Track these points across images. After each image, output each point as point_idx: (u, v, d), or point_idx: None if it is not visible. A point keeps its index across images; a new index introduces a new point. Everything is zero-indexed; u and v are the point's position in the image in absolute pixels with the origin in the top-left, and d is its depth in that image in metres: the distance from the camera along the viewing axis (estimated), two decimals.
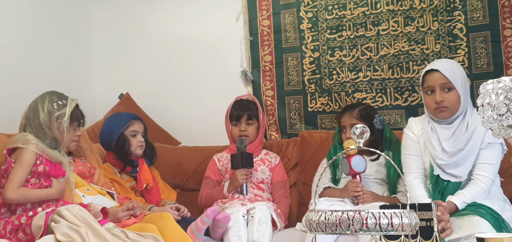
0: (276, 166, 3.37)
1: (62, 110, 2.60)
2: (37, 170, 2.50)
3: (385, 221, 1.28)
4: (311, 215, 1.37)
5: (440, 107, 2.69)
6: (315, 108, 3.66)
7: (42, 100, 2.62)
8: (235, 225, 2.90)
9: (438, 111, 2.70)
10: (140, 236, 2.37)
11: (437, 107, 2.69)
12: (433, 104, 2.70)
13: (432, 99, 2.70)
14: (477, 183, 2.62)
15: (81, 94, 3.55)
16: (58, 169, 2.58)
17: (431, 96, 2.72)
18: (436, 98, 2.68)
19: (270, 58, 3.77)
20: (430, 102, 2.72)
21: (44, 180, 2.53)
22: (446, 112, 2.70)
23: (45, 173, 2.52)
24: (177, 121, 3.97)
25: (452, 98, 2.68)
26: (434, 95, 2.69)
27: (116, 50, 4.18)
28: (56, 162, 2.57)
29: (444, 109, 2.69)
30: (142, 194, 3.20)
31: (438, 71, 2.70)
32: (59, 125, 2.59)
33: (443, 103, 2.68)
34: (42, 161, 2.51)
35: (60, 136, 2.60)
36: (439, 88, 2.68)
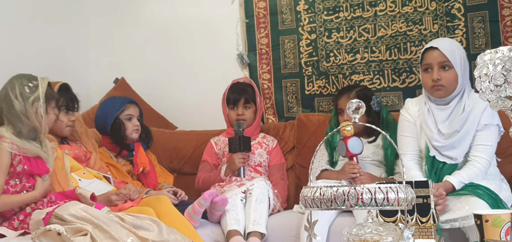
0: (273, 149, 3.36)
1: (36, 93, 2.37)
2: (16, 171, 2.32)
3: (381, 196, 1.26)
4: (307, 191, 1.35)
5: (437, 86, 2.66)
6: (312, 91, 3.64)
7: (11, 87, 2.37)
8: (233, 209, 2.90)
9: (434, 89, 2.68)
10: (137, 218, 2.35)
11: (434, 85, 2.67)
12: (430, 82, 2.68)
13: (429, 77, 2.68)
14: (474, 164, 2.61)
15: (76, 79, 3.55)
16: (40, 165, 2.39)
17: (428, 74, 2.70)
18: (433, 76, 2.66)
19: (266, 41, 3.74)
20: (427, 80, 2.70)
21: (26, 181, 2.37)
22: (442, 91, 2.67)
23: (26, 172, 2.35)
24: (173, 105, 3.95)
25: (449, 77, 2.66)
26: (432, 73, 2.67)
27: (111, 35, 4.15)
28: (34, 155, 2.38)
29: (440, 88, 2.67)
30: (139, 178, 3.19)
31: (437, 49, 2.68)
32: (36, 109, 2.37)
33: (440, 81, 2.65)
34: (20, 160, 2.33)
35: (38, 123, 2.37)
36: (437, 66, 2.66)
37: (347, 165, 2.91)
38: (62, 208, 2.25)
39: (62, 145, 2.87)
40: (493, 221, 1.80)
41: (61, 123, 2.83)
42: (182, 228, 2.54)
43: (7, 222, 2.33)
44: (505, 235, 1.79)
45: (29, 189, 2.38)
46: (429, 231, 1.91)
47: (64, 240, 2.10)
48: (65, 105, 2.84)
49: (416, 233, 1.90)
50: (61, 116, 2.83)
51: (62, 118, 2.83)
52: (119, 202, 2.64)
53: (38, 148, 2.41)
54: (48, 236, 2.12)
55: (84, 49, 4.13)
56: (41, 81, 2.42)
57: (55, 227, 2.10)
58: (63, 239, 2.09)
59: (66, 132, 2.88)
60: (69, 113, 2.87)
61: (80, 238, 2.11)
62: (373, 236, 1.42)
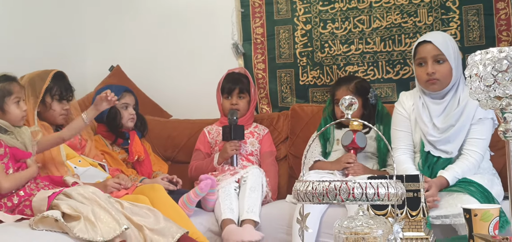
0: (264, 137, 3.39)
1: None
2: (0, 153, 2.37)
3: (371, 191, 1.28)
4: (299, 185, 1.37)
5: (432, 80, 2.67)
6: (306, 81, 3.65)
7: None
8: (227, 198, 2.92)
9: (429, 83, 2.69)
10: (135, 206, 2.38)
11: (429, 79, 2.68)
12: (424, 76, 2.69)
13: (424, 71, 2.69)
14: (468, 158, 2.63)
15: (72, 67, 3.57)
16: (20, 153, 2.45)
17: (422, 68, 2.71)
18: (428, 70, 2.66)
19: (261, 30, 3.75)
20: (422, 74, 2.71)
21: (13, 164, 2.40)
22: (437, 84, 2.68)
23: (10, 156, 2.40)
24: (168, 93, 3.96)
25: (444, 70, 2.67)
26: (426, 67, 2.68)
27: (107, 22, 4.15)
28: (12, 146, 2.42)
29: (435, 81, 2.67)
30: (134, 166, 3.21)
31: (431, 42, 2.68)
32: None
33: (434, 75, 2.66)
34: (1, 144, 2.38)
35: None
36: (431, 60, 2.67)
37: (344, 156, 2.95)
38: (73, 188, 2.31)
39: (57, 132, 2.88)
40: (482, 216, 1.83)
41: (53, 111, 2.84)
42: (176, 216, 2.56)
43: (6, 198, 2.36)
44: (493, 229, 1.83)
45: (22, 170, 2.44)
46: (419, 224, 1.94)
47: (61, 226, 2.12)
48: (58, 94, 2.84)
49: (406, 226, 1.93)
50: (54, 105, 2.84)
51: (55, 107, 2.84)
52: (114, 190, 2.66)
53: (10, 138, 2.43)
54: (45, 223, 2.15)
55: (80, 36, 4.12)
56: None
57: (52, 214, 2.13)
58: (60, 225, 2.12)
59: (59, 121, 2.89)
60: (63, 102, 2.87)
61: (75, 223, 2.14)
62: (363, 228, 1.44)
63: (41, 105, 2.80)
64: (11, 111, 2.46)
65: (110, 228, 2.14)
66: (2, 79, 2.46)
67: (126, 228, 2.18)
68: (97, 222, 2.14)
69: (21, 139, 2.47)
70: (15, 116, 2.47)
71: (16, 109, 2.48)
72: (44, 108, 2.83)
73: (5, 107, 2.44)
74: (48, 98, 2.83)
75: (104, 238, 2.11)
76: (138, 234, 2.28)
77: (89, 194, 2.26)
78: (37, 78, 2.82)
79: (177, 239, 2.32)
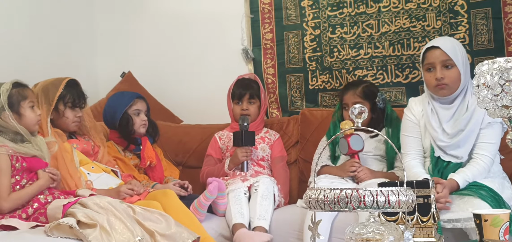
0: (274, 142, 3.41)
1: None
2: (16, 168, 2.42)
3: (382, 199, 1.31)
4: (311, 193, 1.40)
5: (440, 85, 2.68)
6: (316, 86, 3.68)
7: None
8: (237, 202, 2.95)
9: (438, 88, 2.70)
10: (146, 211, 2.41)
11: (438, 84, 2.68)
12: (433, 81, 2.70)
13: (433, 76, 2.70)
14: (478, 162, 2.63)
15: (84, 73, 3.61)
16: (37, 162, 2.49)
17: (431, 74, 2.72)
18: (437, 75, 2.67)
19: (271, 36, 3.77)
20: (430, 80, 2.72)
21: (27, 176, 2.45)
22: (446, 90, 2.69)
23: (25, 169, 2.45)
24: (179, 99, 3.99)
25: (452, 75, 2.68)
26: (435, 73, 2.69)
27: (118, 28, 4.19)
28: (30, 156, 2.48)
29: (444, 86, 2.68)
30: (146, 171, 3.24)
31: (439, 48, 2.69)
32: (6, 117, 2.43)
33: (443, 80, 2.67)
34: (18, 159, 2.43)
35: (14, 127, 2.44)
36: (439, 65, 2.68)
37: (348, 163, 2.96)
38: (89, 198, 2.34)
39: (70, 139, 2.92)
40: (492, 221, 1.84)
41: (66, 119, 2.88)
42: (188, 221, 2.59)
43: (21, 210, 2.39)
44: (504, 234, 1.84)
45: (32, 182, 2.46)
46: (430, 230, 1.96)
47: (76, 233, 2.15)
48: (71, 101, 2.88)
49: (416, 232, 1.95)
50: (67, 112, 2.87)
51: (67, 114, 2.87)
52: (127, 196, 2.69)
53: (29, 147, 2.48)
54: (60, 230, 2.18)
55: (91, 43, 4.16)
56: (2, 88, 2.46)
57: (67, 221, 2.16)
58: (75, 232, 2.15)
59: (72, 128, 2.93)
60: (75, 109, 2.91)
61: (90, 230, 2.16)
62: (374, 235, 1.46)
63: (54, 112, 2.84)
64: (26, 115, 2.50)
65: (124, 238, 2.17)
66: (15, 85, 2.50)
67: (140, 239, 2.20)
68: (112, 231, 2.17)
69: (38, 147, 2.52)
70: (31, 120, 2.51)
71: (32, 113, 2.52)
72: (57, 116, 2.86)
73: (21, 111, 2.49)
74: (61, 106, 2.86)
75: None
76: (149, 240, 2.31)
77: (104, 203, 2.29)
78: (50, 86, 2.86)
79: None
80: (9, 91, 2.46)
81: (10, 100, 2.44)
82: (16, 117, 2.45)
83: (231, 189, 3.01)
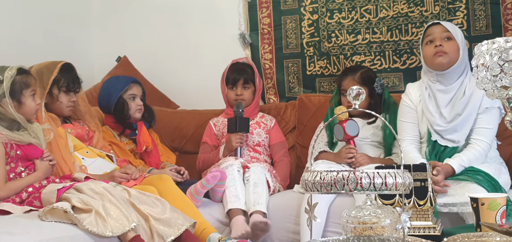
0: (272, 128, 3.39)
1: (1, 88, 2.39)
2: (10, 156, 2.40)
3: (379, 181, 1.29)
4: (307, 175, 1.38)
5: (439, 52, 2.67)
6: (313, 71, 3.66)
7: None
8: (232, 184, 2.93)
9: (437, 56, 2.68)
10: (142, 194, 2.40)
11: (437, 52, 2.68)
12: (432, 50, 2.70)
13: (432, 46, 2.71)
14: (475, 147, 2.63)
15: (79, 58, 3.58)
16: (33, 149, 2.47)
17: (431, 45, 2.72)
18: (436, 43, 2.68)
19: (268, 20, 3.75)
20: (429, 50, 2.72)
21: (22, 164, 2.44)
22: (444, 58, 2.68)
23: (21, 157, 2.43)
24: (176, 84, 3.97)
25: (452, 46, 2.69)
26: (434, 43, 2.70)
27: (114, 13, 4.16)
28: (25, 143, 2.45)
29: (442, 54, 2.67)
30: (142, 156, 3.22)
31: (440, 24, 2.73)
32: (5, 105, 2.40)
33: (442, 48, 2.67)
34: (12, 146, 2.40)
35: (12, 115, 2.41)
36: (439, 36, 2.70)
37: (344, 149, 2.95)
38: (84, 183, 2.33)
39: (65, 124, 2.90)
40: (489, 205, 1.83)
41: (60, 103, 2.86)
42: (184, 206, 2.58)
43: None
44: (501, 218, 1.83)
45: (29, 171, 2.45)
46: (427, 213, 1.95)
47: (70, 218, 2.14)
48: (65, 86, 2.86)
49: (413, 216, 1.94)
50: (61, 97, 2.86)
51: (62, 99, 2.86)
52: (122, 181, 2.68)
53: (25, 135, 2.46)
54: (55, 214, 2.17)
55: (86, 27, 4.14)
56: (6, 74, 2.42)
57: (62, 205, 2.15)
58: (69, 217, 2.14)
59: (66, 112, 2.91)
60: (70, 94, 2.89)
61: (85, 215, 2.15)
62: (371, 218, 1.45)
63: (48, 96, 2.83)
64: (27, 104, 2.48)
65: (120, 224, 2.16)
66: (19, 72, 2.47)
67: (136, 225, 2.19)
68: (107, 217, 2.15)
69: (35, 134, 2.50)
70: (30, 109, 2.50)
71: (32, 102, 2.51)
72: (51, 100, 2.85)
73: (22, 100, 2.47)
74: (55, 90, 2.85)
75: (113, 233, 2.12)
76: (144, 224, 2.30)
77: (100, 189, 2.27)
78: (44, 70, 2.84)
79: (182, 230, 2.34)
80: (13, 78, 2.43)
81: (12, 88, 2.42)
82: (16, 105, 2.43)
83: (224, 167, 2.99)
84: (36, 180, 2.42)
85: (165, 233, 2.29)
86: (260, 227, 2.75)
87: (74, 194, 2.25)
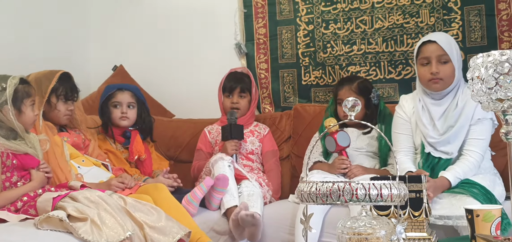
0: (265, 136, 3.40)
1: (3, 96, 2.39)
2: (6, 165, 2.39)
3: (375, 192, 1.30)
4: (303, 186, 1.39)
5: (435, 79, 2.68)
6: (309, 81, 3.67)
7: None
8: None
9: (432, 82, 2.70)
10: (138, 203, 2.40)
11: (432, 78, 2.69)
12: (428, 75, 2.70)
13: (427, 70, 2.70)
14: (468, 158, 2.64)
15: (75, 67, 3.57)
16: (30, 159, 2.47)
17: (426, 67, 2.71)
18: (432, 70, 2.67)
19: (264, 30, 3.76)
20: (425, 73, 2.71)
21: (18, 174, 2.43)
22: (440, 84, 2.69)
23: (17, 167, 2.42)
24: (171, 93, 3.97)
25: (447, 70, 2.68)
26: (430, 67, 2.69)
27: (111, 22, 4.16)
28: (21, 153, 2.44)
29: (438, 81, 2.68)
30: (137, 165, 3.21)
31: (435, 42, 2.69)
32: (6, 112, 2.41)
33: (438, 75, 2.67)
34: (8, 155, 2.39)
35: (12, 123, 2.41)
36: (435, 60, 2.68)
37: (337, 160, 2.96)
38: (79, 192, 2.32)
39: (61, 132, 2.90)
40: (483, 216, 1.84)
41: (58, 112, 2.87)
42: (179, 215, 2.57)
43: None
44: (495, 230, 1.84)
45: (25, 181, 2.44)
46: (421, 225, 1.96)
47: (66, 226, 2.14)
48: (63, 94, 2.87)
49: (408, 227, 1.95)
50: (59, 105, 2.87)
51: (59, 107, 2.87)
52: (118, 189, 2.67)
53: (22, 145, 2.46)
54: (50, 223, 2.16)
55: (83, 36, 4.14)
56: (10, 82, 2.43)
57: (57, 214, 2.14)
58: (65, 225, 2.14)
59: (63, 121, 2.92)
60: (68, 102, 2.89)
61: (80, 224, 2.15)
62: (366, 229, 1.46)
63: (46, 105, 2.83)
64: (26, 114, 2.49)
65: (115, 233, 2.15)
66: (21, 81, 2.49)
67: (131, 234, 2.19)
68: (103, 226, 2.15)
69: (31, 144, 2.50)
70: (29, 119, 2.51)
71: (31, 112, 2.52)
72: (49, 108, 2.85)
73: (23, 108, 2.47)
74: (53, 99, 2.85)
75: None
76: (139, 232, 2.30)
77: (95, 198, 2.27)
78: (43, 78, 2.84)
79: (177, 239, 2.33)
80: (16, 86, 2.44)
81: (15, 96, 2.43)
82: (16, 114, 2.43)
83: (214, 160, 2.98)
84: (31, 190, 2.41)
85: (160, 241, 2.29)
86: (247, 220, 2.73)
87: (70, 203, 2.24)
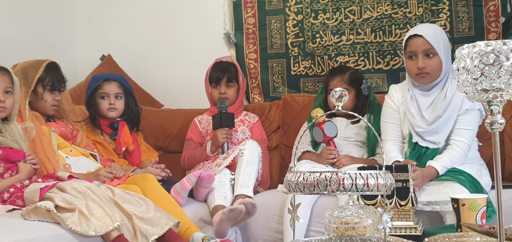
0: (254, 124, 3.40)
1: None
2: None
3: (361, 182, 1.31)
4: (290, 176, 1.39)
5: (422, 74, 2.70)
6: (298, 71, 3.67)
7: None
8: (222, 187, 2.92)
9: (419, 77, 2.72)
10: (126, 193, 2.39)
11: (419, 73, 2.71)
12: (415, 69, 2.72)
13: (414, 64, 2.72)
14: (454, 148, 2.67)
15: (63, 56, 3.56)
16: (14, 152, 2.44)
17: (413, 62, 2.73)
18: (418, 64, 2.69)
19: (253, 20, 3.76)
20: (412, 68, 2.73)
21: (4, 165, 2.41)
22: (427, 78, 2.72)
23: (2, 158, 2.40)
24: (160, 83, 3.96)
25: (434, 64, 2.69)
26: (416, 61, 2.70)
27: (98, 11, 4.14)
28: (5, 146, 2.43)
29: (425, 75, 2.71)
30: (125, 156, 3.20)
31: (422, 36, 2.70)
32: None
33: (425, 69, 2.69)
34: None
35: None
36: (421, 54, 2.69)
37: (325, 150, 2.97)
38: (67, 182, 2.31)
39: (48, 122, 2.88)
40: (469, 205, 1.86)
41: (45, 102, 2.85)
42: (168, 205, 2.57)
43: None
44: (481, 218, 1.86)
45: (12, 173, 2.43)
46: (408, 214, 1.97)
47: (53, 217, 2.13)
48: (50, 85, 2.85)
49: (395, 216, 1.96)
50: (46, 95, 2.85)
51: (46, 97, 2.85)
52: (106, 179, 2.67)
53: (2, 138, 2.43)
54: (38, 213, 2.15)
55: (71, 25, 4.11)
56: None
57: (45, 204, 2.14)
58: (53, 216, 2.13)
59: (50, 111, 2.90)
60: (54, 93, 2.88)
61: (68, 214, 2.14)
62: (353, 218, 1.47)
63: (32, 95, 2.80)
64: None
65: (103, 223, 2.15)
66: None
67: (119, 224, 2.18)
68: (91, 216, 2.15)
69: (12, 136, 2.47)
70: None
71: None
72: (35, 98, 2.83)
73: None
74: (40, 89, 2.83)
75: (97, 232, 2.11)
76: (127, 223, 2.29)
77: (83, 188, 2.26)
78: (29, 68, 2.82)
79: (166, 230, 2.33)
80: None
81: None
82: None
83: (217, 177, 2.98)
84: (18, 181, 2.40)
85: (149, 232, 2.29)
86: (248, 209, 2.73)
87: (57, 193, 2.23)
